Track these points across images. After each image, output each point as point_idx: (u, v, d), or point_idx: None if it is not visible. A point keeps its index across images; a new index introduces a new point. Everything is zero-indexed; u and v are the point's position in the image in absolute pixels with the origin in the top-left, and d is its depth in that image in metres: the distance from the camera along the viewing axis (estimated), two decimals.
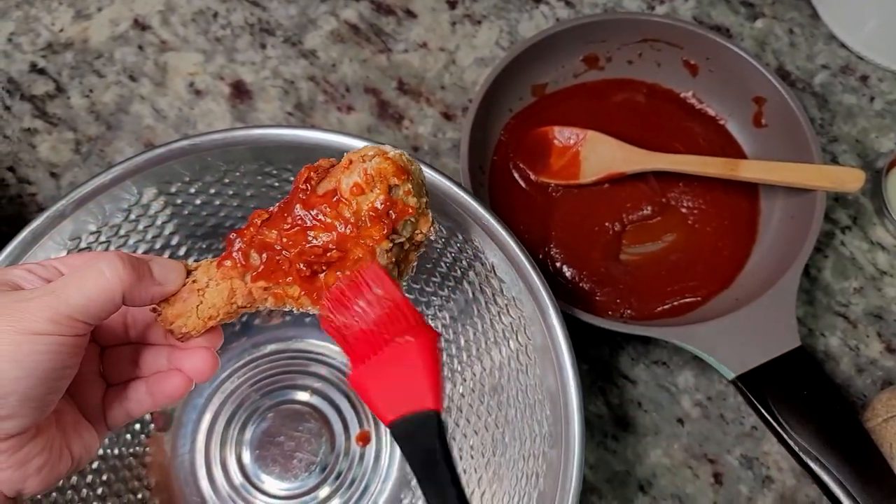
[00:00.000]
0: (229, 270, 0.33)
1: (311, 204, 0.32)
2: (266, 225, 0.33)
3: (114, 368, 0.35)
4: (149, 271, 0.32)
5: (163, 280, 0.32)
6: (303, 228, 0.32)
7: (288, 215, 0.33)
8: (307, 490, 0.49)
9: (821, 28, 0.64)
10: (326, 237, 0.32)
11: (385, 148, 0.33)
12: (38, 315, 0.28)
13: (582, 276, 0.53)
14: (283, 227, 0.32)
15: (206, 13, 0.63)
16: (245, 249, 0.33)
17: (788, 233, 0.53)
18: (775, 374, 0.46)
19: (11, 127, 0.59)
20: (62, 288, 0.29)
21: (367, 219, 0.32)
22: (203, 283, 0.33)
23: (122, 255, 0.30)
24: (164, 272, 0.32)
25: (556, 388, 0.41)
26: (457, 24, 0.63)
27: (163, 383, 0.35)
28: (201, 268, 0.34)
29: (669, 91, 0.59)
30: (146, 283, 0.31)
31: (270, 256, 0.33)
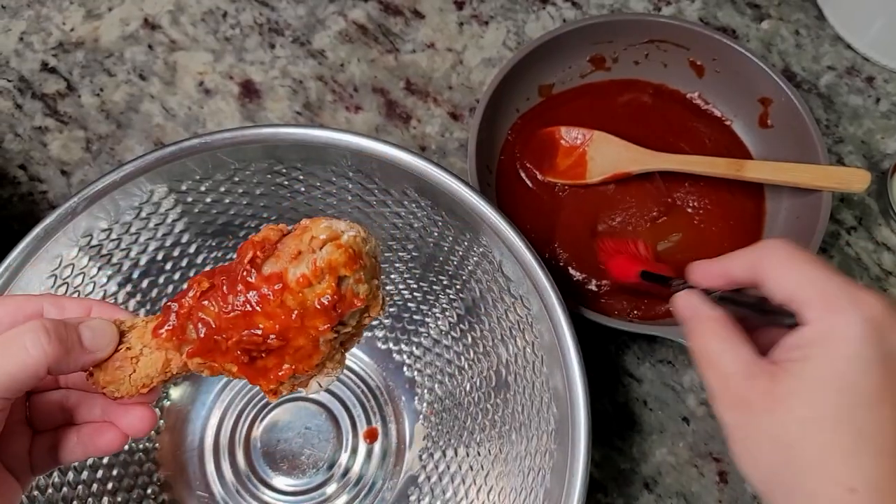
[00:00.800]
0: (164, 341, 0.31)
1: (253, 287, 0.30)
2: (206, 297, 0.30)
3: (43, 416, 0.33)
4: (78, 340, 0.30)
5: (94, 348, 0.30)
6: (244, 314, 0.30)
7: (230, 294, 0.30)
8: (315, 486, 0.50)
9: (827, 29, 0.64)
10: (268, 325, 0.30)
11: (338, 229, 0.30)
12: None
13: (588, 275, 0.54)
14: (223, 309, 0.30)
15: (215, 13, 0.64)
16: (182, 322, 0.31)
17: (794, 233, 0.53)
18: None
19: (23, 125, 0.60)
20: None
21: (312, 310, 0.30)
22: (137, 350, 0.31)
23: (49, 326, 0.28)
24: (96, 339, 0.30)
25: (562, 385, 0.41)
26: (464, 25, 0.64)
27: (96, 437, 0.33)
28: (136, 331, 0.32)
29: (675, 92, 0.60)
30: (75, 355, 0.29)
31: (208, 334, 0.30)
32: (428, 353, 0.52)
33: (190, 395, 0.52)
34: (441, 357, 0.52)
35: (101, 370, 0.31)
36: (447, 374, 0.51)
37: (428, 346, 0.52)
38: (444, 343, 0.52)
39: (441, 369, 0.52)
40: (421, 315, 0.52)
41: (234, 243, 0.50)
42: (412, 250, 0.50)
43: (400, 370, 0.53)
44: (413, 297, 0.52)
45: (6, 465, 0.31)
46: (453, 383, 0.51)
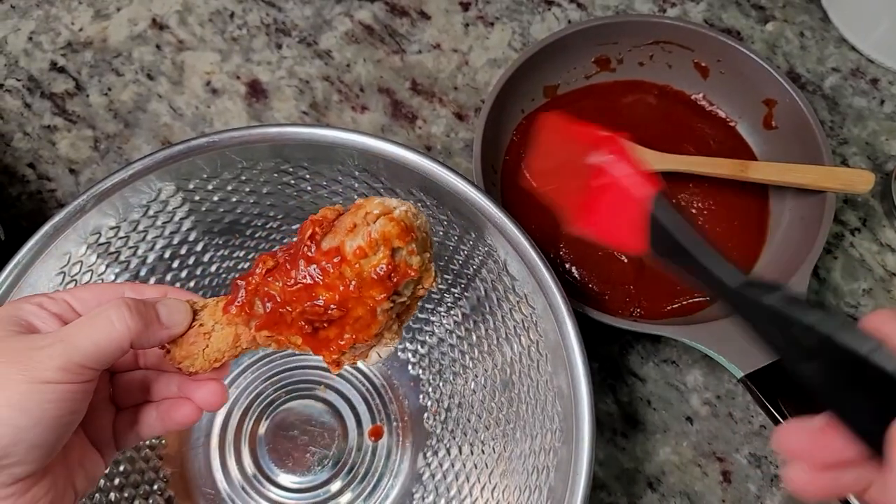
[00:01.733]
0: (234, 317, 0.33)
1: (314, 260, 0.32)
2: (271, 275, 0.33)
3: (125, 394, 0.36)
4: (156, 316, 0.32)
5: (169, 323, 0.33)
6: (305, 286, 0.32)
7: (292, 269, 0.32)
8: (319, 484, 0.50)
9: (831, 31, 0.64)
10: (328, 296, 0.32)
11: (390, 205, 0.32)
12: (49, 364, 0.28)
13: (591, 275, 0.54)
14: (287, 283, 0.32)
15: (222, 13, 0.64)
16: (249, 298, 0.33)
17: (798, 234, 0.53)
18: (784, 373, 0.47)
19: (32, 124, 0.60)
20: (72, 336, 0.29)
21: (369, 280, 0.32)
22: (209, 326, 0.34)
23: (130, 303, 0.31)
24: (171, 315, 0.33)
25: (566, 384, 0.41)
26: (470, 26, 0.64)
27: (174, 411, 0.35)
28: (207, 309, 0.34)
29: (680, 93, 0.60)
30: (153, 329, 0.32)
31: (273, 308, 0.33)
32: (433, 352, 0.53)
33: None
34: (446, 355, 0.52)
35: (177, 346, 0.34)
36: (452, 373, 0.52)
37: (433, 345, 0.53)
38: (448, 341, 0.52)
39: (446, 368, 0.52)
40: (426, 313, 0.53)
41: (240, 241, 0.51)
42: None
43: (405, 368, 0.53)
44: None
45: (91, 440, 0.34)
46: (458, 382, 0.51)
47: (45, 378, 0.28)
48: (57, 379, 0.28)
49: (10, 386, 0.28)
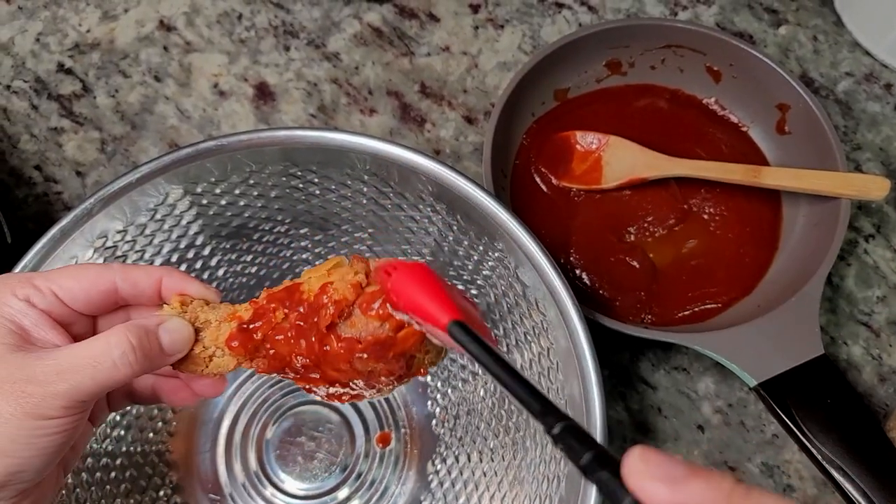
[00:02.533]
0: (236, 351, 0.33)
1: (326, 342, 0.32)
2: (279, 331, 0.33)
3: None
4: (158, 347, 0.32)
5: (172, 351, 0.32)
6: (314, 363, 0.32)
7: (302, 339, 0.32)
8: (327, 490, 0.49)
9: (845, 35, 0.63)
10: (333, 375, 0.33)
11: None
12: (52, 403, 0.28)
13: (602, 281, 0.53)
14: (294, 349, 0.32)
15: (230, 15, 0.64)
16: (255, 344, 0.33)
17: (811, 240, 0.52)
18: (798, 381, 0.46)
19: (38, 126, 0.60)
20: (75, 375, 0.29)
21: (377, 373, 0.32)
22: (210, 351, 0.33)
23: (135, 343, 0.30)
24: (174, 343, 0.32)
25: (578, 391, 0.41)
26: (479, 29, 0.64)
27: (171, 394, 0.36)
28: (209, 332, 0.33)
29: (692, 97, 0.59)
30: (156, 362, 0.32)
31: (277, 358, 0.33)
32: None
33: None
34: (454, 362, 0.52)
35: (178, 365, 0.33)
36: (460, 380, 0.51)
37: None
38: None
39: (454, 374, 0.51)
40: None
41: (248, 246, 0.50)
42: (427, 255, 0.49)
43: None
44: None
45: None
46: (467, 388, 0.51)
47: (49, 415, 0.29)
48: (59, 415, 0.29)
49: (14, 421, 0.28)
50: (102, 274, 0.33)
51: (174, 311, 0.33)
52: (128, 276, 0.33)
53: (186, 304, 0.34)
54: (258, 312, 0.33)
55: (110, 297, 0.33)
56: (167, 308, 0.33)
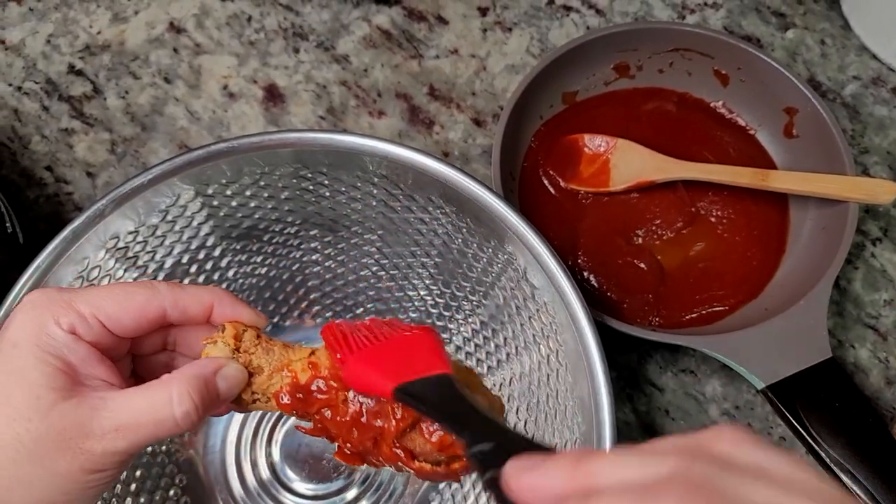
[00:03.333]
0: (284, 408, 0.33)
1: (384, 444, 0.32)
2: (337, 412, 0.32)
3: (148, 372, 0.35)
4: (217, 395, 0.31)
5: (227, 397, 0.31)
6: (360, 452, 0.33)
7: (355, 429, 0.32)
8: (336, 491, 0.50)
9: (852, 39, 0.63)
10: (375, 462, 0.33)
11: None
12: (110, 459, 0.28)
13: (610, 284, 0.54)
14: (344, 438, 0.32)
15: (240, 17, 0.64)
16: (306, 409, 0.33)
17: (819, 244, 0.52)
18: (806, 384, 0.46)
19: (49, 127, 0.60)
20: (134, 431, 0.28)
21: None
22: (257, 396, 0.33)
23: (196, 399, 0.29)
24: (230, 388, 0.31)
25: (587, 393, 0.41)
26: (488, 32, 0.64)
27: None
28: (260, 380, 0.33)
29: (700, 100, 0.60)
30: (212, 412, 0.31)
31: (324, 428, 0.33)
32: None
33: None
34: (463, 364, 0.52)
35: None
36: None
37: (450, 353, 0.52)
38: (466, 350, 0.52)
39: None
40: (444, 322, 0.52)
41: (258, 247, 0.51)
42: (436, 256, 0.50)
43: None
44: (436, 304, 0.52)
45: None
46: None
47: (104, 469, 0.28)
48: (112, 467, 0.28)
49: (69, 476, 0.28)
50: (151, 300, 0.31)
51: (227, 347, 0.32)
52: (177, 302, 0.32)
53: (239, 337, 0.33)
54: (315, 379, 0.32)
55: (158, 322, 0.32)
56: (220, 343, 0.32)
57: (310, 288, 0.54)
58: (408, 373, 0.30)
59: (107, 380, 0.30)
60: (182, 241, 0.48)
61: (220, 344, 0.32)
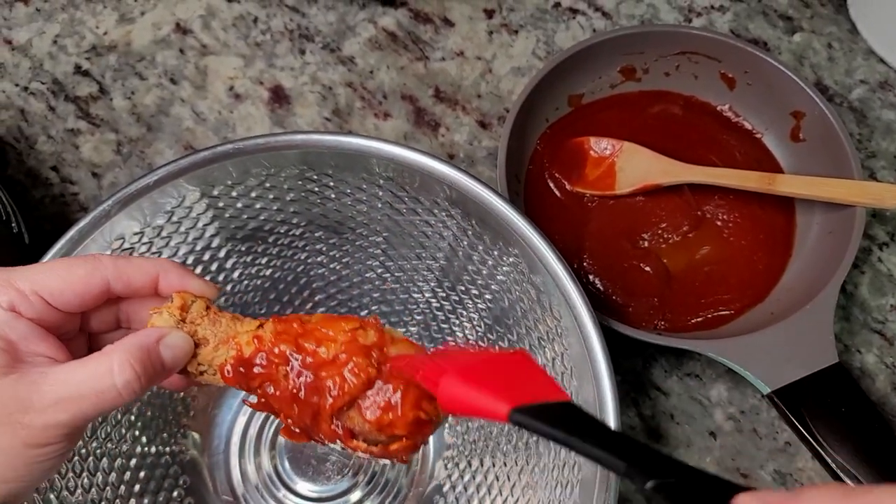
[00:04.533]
0: (228, 381, 0.32)
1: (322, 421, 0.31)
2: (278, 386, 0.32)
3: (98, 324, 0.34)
4: (161, 365, 0.30)
5: (173, 366, 0.31)
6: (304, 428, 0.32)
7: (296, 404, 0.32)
8: (340, 493, 0.50)
9: (860, 43, 0.63)
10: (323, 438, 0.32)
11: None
12: (52, 433, 0.28)
13: (615, 287, 0.53)
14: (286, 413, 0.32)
15: (246, 18, 0.64)
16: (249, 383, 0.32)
17: (826, 248, 0.52)
18: (812, 389, 0.46)
19: (55, 127, 0.60)
20: (76, 404, 0.28)
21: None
22: (203, 368, 0.33)
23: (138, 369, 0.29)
24: (175, 358, 0.31)
25: (592, 397, 0.41)
26: (494, 34, 0.64)
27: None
28: (206, 351, 0.32)
29: (706, 104, 0.59)
30: (156, 381, 0.31)
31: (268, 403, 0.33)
32: None
33: (216, 399, 0.52)
34: None
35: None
36: None
37: None
38: None
39: None
40: (449, 325, 0.52)
41: (263, 248, 0.51)
42: (441, 259, 0.50)
43: None
44: (441, 307, 0.52)
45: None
46: None
47: (48, 443, 0.28)
48: (59, 441, 0.28)
49: (12, 452, 0.27)
50: (93, 273, 0.31)
51: (172, 317, 0.32)
52: (120, 274, 0.31)
53: (186, 308, 0.32)
54: (259, 353, 0.32)
55: (102, 296, 0.31)
56: (165, 313, 0.32)
57: (314, 290, 0.54)
58: (523, 393, 0.26)
59: (51, 356, 0.29)
60: (187, 242, 0.48)
61: (165, 314, 0.32)
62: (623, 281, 0.54)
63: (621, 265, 0.54)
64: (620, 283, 0.53)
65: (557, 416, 0.26)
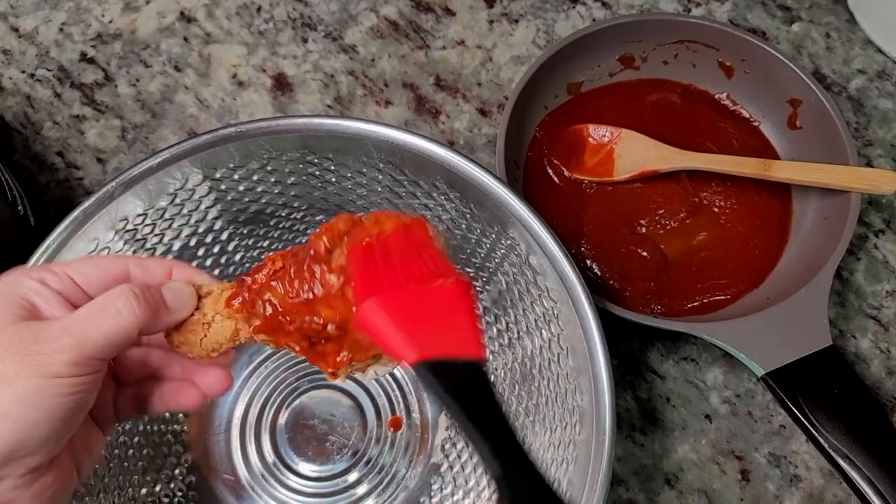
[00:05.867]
0: (234, 312, 0.33)
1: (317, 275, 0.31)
2: (276, 278, 0.32)
3: (126, 370, 0.35)
4: (162, 301, 0.32)
5: (175, 308, 0.32)
6: (307, 301, 0.31)
7: (296, 279, 0.31)
8: (338, 473, 0.50)
9: (858, 33, 0.64)
10: (328, 314, 0.31)
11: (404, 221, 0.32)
12: (59, 358, 0.28)
13: (612, 272, 0.54)
14: (289, 293, 0.31)
15: (249, 7, 0.65)
16: (252, 297, 0.32)
17: (821, 234, 0.53)
18: (806, 372, 0.47)
19: (61, 114, 0.61)
20: (81, 327, 0.29)
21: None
22: (209, 316, 0.33)
23: (136, 290, 0.30)
24: (177, 300, 0.32)
25: (588, 377, 0.41)
26: (494, 23, 0.64)
27: (178, 395, 0.35)
28: (210, 298, 0.34)
29: (704, 92, 0.60)
30: (161, 315, 0.31)
31: (273, 315, 0.32)
32: None
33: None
34: None
35: (177, 331, 0.33)
36: None
37: None
38: None
39: None
40: None
41: (264, 231, 0.51)
42: None
43: None
44: None
45: (92, 416, 0.33)
46: None
47: (56, 372, 0.28)
48: (68, 373, 0.28)
49: (20, 381, 0.27)
50: (117, 261, 0.33)
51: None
52: (141, 263, 0.34)
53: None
54: (257, 268, 0.33)
55: (123, 277, 0.33)
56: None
57: None
58: (438, 341, 0.26)
59: None
60: (190, 225, 0.49)
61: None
62: (620, 266, 0.54)
63: (619, 251, 0.55)
64: (618, 269, 0.54)
65: (460, 381, 0.25)
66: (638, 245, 0.54)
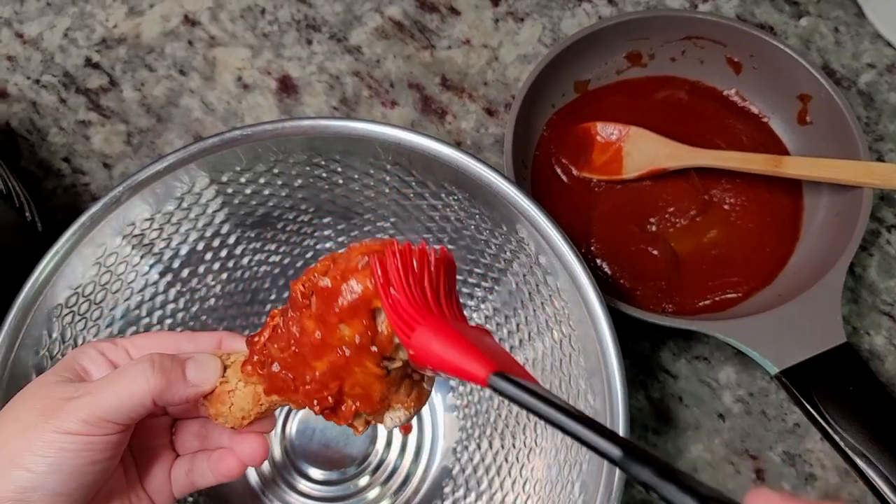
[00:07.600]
0: (248, 376, 0.33)
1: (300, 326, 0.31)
2: (273, 334, 0.32)
3: (183, 441, 0.37)
4: (181, 374, 0.32)
5: (197, 381, 0.33)
6: (299, 354, 0.31)
7: (284, 332, 0.31)
8: (349, 477, 0.50)
9: (866, 27, 0.63)
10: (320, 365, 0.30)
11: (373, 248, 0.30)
12: (74, 415, 0.29)
13: (622, 271, 0.54)
14: (283, 348, 0.31)
15: (253, 10, 0.65)
16: (260, 358, 0.33)
17: (833, 230, 0.52)
18: (820, 369, 0.46)
19: (67, 119, 0.61)
20: (98, 390, 0.30)
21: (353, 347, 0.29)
22: (233, 384, 0.33)
23: (155, 359, 0.32)
24: (199, 373, 0.33)
25: (600, 377, 0.41)
26: (500, 22, 0.64)
27: (219, 463, 0.36)
28: (234, 366, 0.34)
29: (712, 89, 0.59)
30: (177, 387, 0.32)
31: (276, 374, 0.32)
32: None
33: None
34: None
35: (209, 402, 0.34)
36: None
37: None
38: None
39: None
40: None
41: (272, 234, 0.51)
42: (448, 243, 0.50)
43: None
44: None
45: (146, 485, 0.35)
46: None
47: (67, 429, 0.29)
48: (78, 430, 0.29)
49: (37, 433, 0.29)
50: (171, 335, 0.36)
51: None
52: (193, 336, 0.36)
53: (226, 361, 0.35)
54: (264, 327, 0.33)
55: (174, 350, 0.34)
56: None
57: None
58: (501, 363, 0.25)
59: None
60: (197, 229, 0.48)
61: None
62: (630, 265, 0.54)
63: (629, 249, 0.54)
64: (628, 268, 0.54)
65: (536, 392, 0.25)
66: (648, 243, 0.54)
